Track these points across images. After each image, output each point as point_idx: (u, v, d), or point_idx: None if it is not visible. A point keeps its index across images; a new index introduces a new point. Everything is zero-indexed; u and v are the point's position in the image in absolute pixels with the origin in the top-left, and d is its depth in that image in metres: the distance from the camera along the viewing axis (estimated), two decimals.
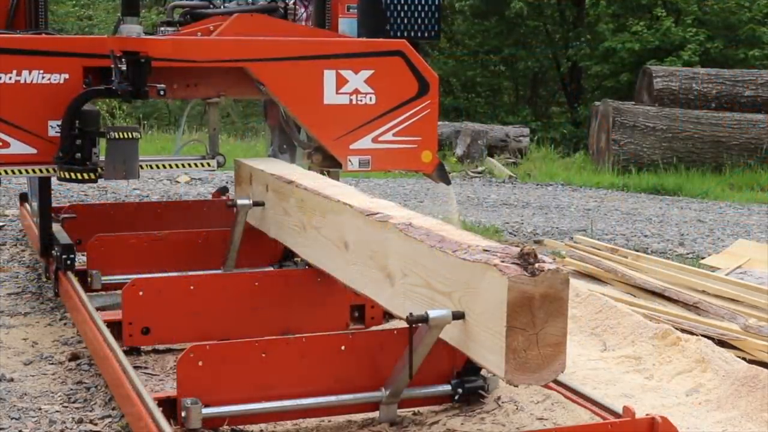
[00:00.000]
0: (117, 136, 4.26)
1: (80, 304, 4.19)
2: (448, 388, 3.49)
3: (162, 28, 4.93)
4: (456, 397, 3.50)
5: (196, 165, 4.68)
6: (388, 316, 4.33)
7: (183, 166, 4.67)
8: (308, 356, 3.27)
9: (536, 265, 2.50)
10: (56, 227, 5.01)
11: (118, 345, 3.67)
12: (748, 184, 11.31)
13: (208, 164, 4.69)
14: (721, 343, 4.38)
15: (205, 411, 3.11)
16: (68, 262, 4.56)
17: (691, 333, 4.45)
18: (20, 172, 4.33)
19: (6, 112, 4.25)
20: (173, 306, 4.11)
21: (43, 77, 4.27)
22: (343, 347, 3.32)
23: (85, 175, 4.23)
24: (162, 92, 4.27)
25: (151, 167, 4.61)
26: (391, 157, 4.63)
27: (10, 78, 4.24)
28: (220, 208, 5.43)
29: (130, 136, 4.27)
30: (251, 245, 4.71)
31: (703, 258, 6.70)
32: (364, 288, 3.40)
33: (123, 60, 4.17)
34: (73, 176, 4.23)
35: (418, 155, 4.68)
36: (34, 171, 4.33)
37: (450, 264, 2.74)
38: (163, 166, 4.62)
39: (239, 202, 4.45)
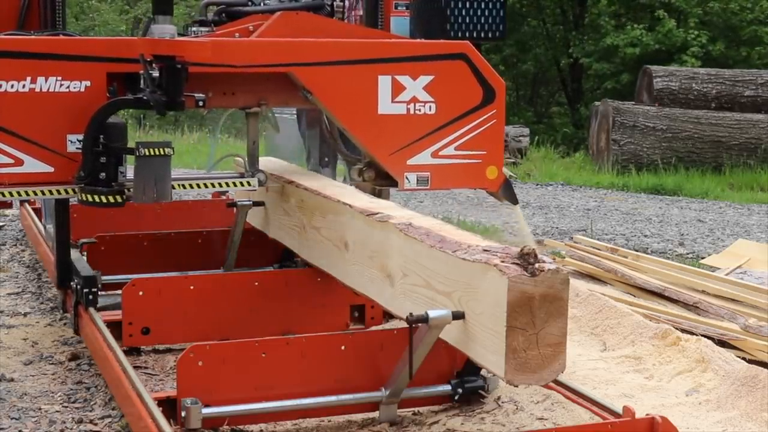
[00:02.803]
0: (147, 153, 3.71)
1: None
2: (448, 388, 3.49)
3: (194, 29, 4.37)
4: (456, 397, 3.50)
5: (234, 184, 4.13)
6: (388, 316, 4.33)
7: (220, 185, 4.16)
8: (308, 356, 3.27)
9: (536, 265, 2.50)
10: (75, 254, 4.52)
11: (118, 345, 3.68)
12: (748, 184, 11.31)
13: (248, 183, 4.10)
14: (721, 343, 4.38)
15: (205, 411, 3.11)
16: (90, 296, 4.09)
17: (691, 333, 4.45)
18: (35, 194, 3.77)
19: (19, 126, 3.71)
20: (173, 306, 4.10)
21: (61, 85, 3.75)
22: (343, 347, 3.32)
23: (111, 198, 3.73)
24: (201, 102, 3.80)
25: (184, 187, 4.03)
26: (452, 173, 4.10)
27: (24, 86, 3.71)
28: (220, 208, 5.43)
29: (162, 152, 3.74)
30: (251, 245, 4.70)
31: (703, 258, 6.70)
32: (364, 288, 3.40)
33: (154, 65, 3.70)
34: (97, 199, 3.73)
35: (483, 171, 4.14)
36: (50, 192, 3.79)
37: (450, 264, 2.74)
38: (198, 186, 4.08)
39: (239, 202, 4.44)
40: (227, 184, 4.12)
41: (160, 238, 4.87)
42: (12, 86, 3.71)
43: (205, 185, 4.09)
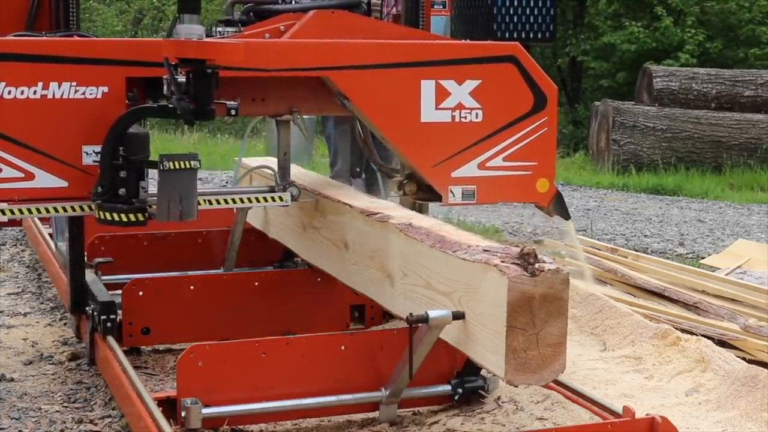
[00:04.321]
0: (172, 167, 3.35)
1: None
2: (448, 388, 3.49)
3: (219, 29, 3.99)
4: (456, 397, 3.50)
5: (265, 199, 3.81)
6: (388, 316, 4.34)
7: (250, 201, 3.84)
8: (308, 356, 3.28)
9: (536, 265, 2.50)
10: (90, 276, 4.24)
11: (118, 345, 3.68)
12: (748, 184, 11.31)
13: (280, 198, 3.77)
14: (721, 343, 4.38)
15: (205, 411, 3.11)
16: (108, 324, 3.80)
17: (691, 333, 4.45)
18: (47, 211, 3.41)
19: (30, 136, 3.34)
20: (173, 306, 4.11)
21: (75, 91, 3.38)
22: (343, 347, 3.32)
23: (132, 216, 3.37)
24: (234, 111, 3.47)
25: (210, 203, 3.71)
26: (499, 187, 3.78)
27: (35, 92, 3.33)
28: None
29: (189, 165, 3.38)
30: (251, 245, 4.71)
31: (703, 258, 6.70)
32: (364, 288, 3.40)
33: (180, 69, 3.35)
34: (117, 218, 3.36)
35: (533, 184, 3.88)
36: (64, 209, 3.43)
37: (450, 264, 2.74)
38: (225, 201, 3.81)
39: None
40: (257, 200, 3.81)
41: (160, 238, 4.87)
42: (22, 92, 3.35)
43: (234, 201, 3.80)
